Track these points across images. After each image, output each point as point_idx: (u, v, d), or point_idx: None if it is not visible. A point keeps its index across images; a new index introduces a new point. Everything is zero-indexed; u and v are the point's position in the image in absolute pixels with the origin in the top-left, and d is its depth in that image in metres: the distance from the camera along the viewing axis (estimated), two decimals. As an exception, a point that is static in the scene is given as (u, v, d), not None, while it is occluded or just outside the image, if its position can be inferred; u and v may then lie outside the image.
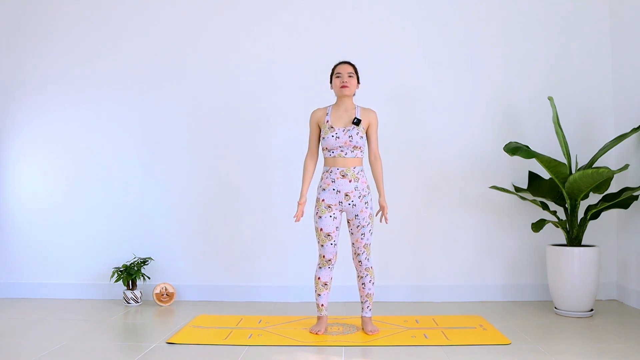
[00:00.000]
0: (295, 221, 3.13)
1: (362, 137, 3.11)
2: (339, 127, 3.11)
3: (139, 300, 3.98)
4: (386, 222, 3.19)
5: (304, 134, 3.98)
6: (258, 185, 4.11)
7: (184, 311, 3.77)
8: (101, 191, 4.18)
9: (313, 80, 3.99)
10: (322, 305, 3.18)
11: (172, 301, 3.99)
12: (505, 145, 3.69)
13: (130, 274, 3.93)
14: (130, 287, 3.99)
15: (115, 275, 3.97)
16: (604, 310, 3.68)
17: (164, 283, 4.01)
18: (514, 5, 4.10)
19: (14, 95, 4.26)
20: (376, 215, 3.21)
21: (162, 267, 4.13)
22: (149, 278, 4.09)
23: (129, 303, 3.96)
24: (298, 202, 3.15)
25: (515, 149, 3.62)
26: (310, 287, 3.80)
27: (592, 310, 3.58)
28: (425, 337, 3.08)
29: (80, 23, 4.23)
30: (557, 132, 3.68)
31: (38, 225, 4.22)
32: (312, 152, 3.22)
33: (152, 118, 4.18)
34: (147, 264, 4.06)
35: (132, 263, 3.99)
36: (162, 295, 3.98)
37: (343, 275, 3.80)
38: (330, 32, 4.10)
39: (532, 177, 3.97)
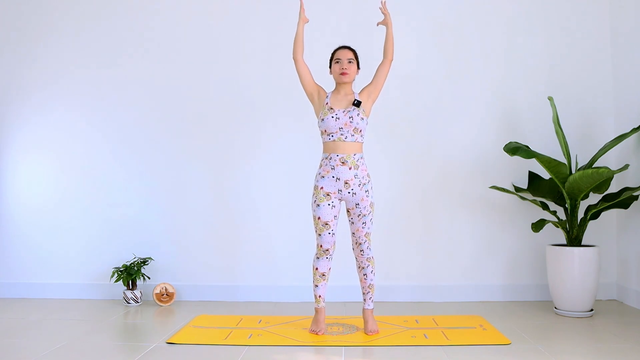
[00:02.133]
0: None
1: (362, 119, 3.07)
2: (339, 108, 3.08)
3: (139, 300, 3.98)
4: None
5: (305, 133, 3.99)
6: (258, 185, 4.11)
7: (184, 311, 3.77)
8: (101, 191, 4.18)
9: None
10: (320, 296, 3.15)
11: (172, 301, 3.99)
12: (505, 145, 3.69)
13: (130, 274, 3.93)
14: (130, 287, 3.98)
15: (115, 275, 3.96)
16: (604, 310, 3.68)
17: (164, 283, 4.01)
18: (514, 6, 4.10)
19: (13, 96, 4.26)
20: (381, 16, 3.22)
21: (162, 267, 4.12)
22: (149, 278, 4.09)
23: (129, 303, 3.96)
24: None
25: (515, 149, 3.62)
26: (310, 287, 3.80)
27: (592, 310, 3.58)
28: (425, 337, 3.08)
29: (79, 25, 4.23)
30: (557, 132, 3.68)
31: (38, 225, 4.21)
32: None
33: (152, 118, 4.17)
34: (147, 264, 4.05)
35: (132, 263, 3.99)
36: (162, 295, 3.98)
37: (343, 275, 3.80)
38: (331, 31, 4.09)
39: (532, 177, 3.97)
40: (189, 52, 4.17)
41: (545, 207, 3.77)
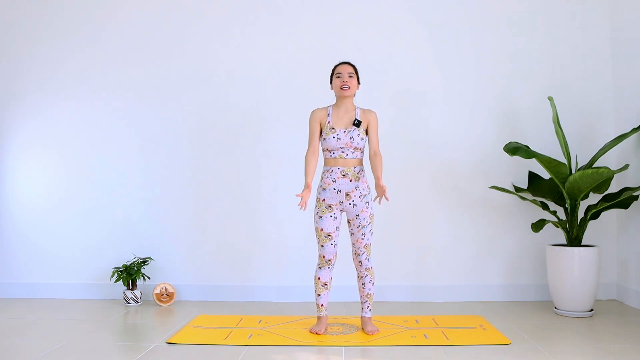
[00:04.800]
0: (302, 209, 3.01)
1: (362, 139, 3.12)
2: (340, 128, 3.11)
3: (139, 300, 3.98)
4: (387, 200, 3.01)
5: (304, 134, 3.99)
6: (258, 185, 4.11)
7: (184, 311, 3.77)
8: (101, 191, 4.18)
9: (314, 82, 3.98)
10: (322, 305, 3.18)
11: (172, 301, 3.99)
12: (505, 145, 3.69)
13: (130, 274, 3.93)
14: (130, 287, 3.99)
15: (115, 275, 3.97)
16: (604, 310, 3.68)
17: (164, 283, 4.01)
18: (515, 7, 4.10)
19: (12, 95, 4.26)
20: (374, 200, 3.10)
21: (162, 267, 4.13)
22: (149, 278, 4.09)
23: (129, 303, 3.96)
24: (303, 190, 3.02)
25: (515, 149, 3.62)
26: (310, 287, 3.80)
27: (592, 310, 3.58)
28: (425, 337, 3.08)
29: (79, 20, 4.23)
30: (557, 132, 3.68)
31: (38, 226, 4.21)
32: (314, 149, 3.16)
33: (153, 118, 4.18)
34: (147, 264, 4.05)
35: (132, 263, 3.99)
36: (162, 295, 3.98)
37: (343, 275, 3.80)
38: (333, 32, 4.10)
39: (532, 177, 3.97)
40: (193, 58, 4.16)
41: (545, 207, 3.77)
